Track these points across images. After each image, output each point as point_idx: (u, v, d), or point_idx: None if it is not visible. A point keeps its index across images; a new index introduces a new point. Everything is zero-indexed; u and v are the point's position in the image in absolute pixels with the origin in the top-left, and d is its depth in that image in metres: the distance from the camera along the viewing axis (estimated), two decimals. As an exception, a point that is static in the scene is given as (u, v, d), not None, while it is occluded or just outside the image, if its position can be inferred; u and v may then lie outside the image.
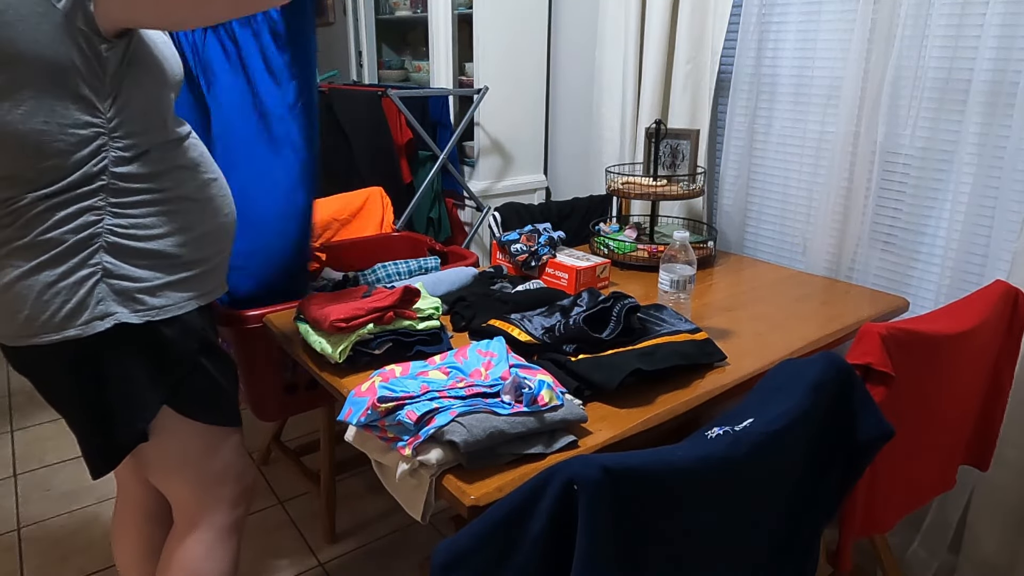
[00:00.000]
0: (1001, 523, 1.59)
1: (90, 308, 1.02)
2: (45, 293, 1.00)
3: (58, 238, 1.00)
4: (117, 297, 1.03)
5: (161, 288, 1.07)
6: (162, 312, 1.07)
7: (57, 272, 1.00)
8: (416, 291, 1.31)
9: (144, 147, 1.04)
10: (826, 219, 1.84)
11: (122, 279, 1.04)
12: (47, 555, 1.90)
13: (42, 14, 0.91)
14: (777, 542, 0.94)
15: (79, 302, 1.01)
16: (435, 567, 0.76)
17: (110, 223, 1.02)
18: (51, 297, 1.00)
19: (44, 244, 0.99)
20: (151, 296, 1.06)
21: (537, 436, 1.01)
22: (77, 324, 1.01)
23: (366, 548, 1.93)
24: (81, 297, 1.01)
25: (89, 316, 1.02)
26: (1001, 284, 1.32)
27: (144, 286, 1.05)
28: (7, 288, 1.00)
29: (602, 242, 1.95)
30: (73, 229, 1.00)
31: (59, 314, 1.01)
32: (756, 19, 1.93)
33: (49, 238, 0.99)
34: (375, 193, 2.21)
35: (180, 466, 1.20)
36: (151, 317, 1.06)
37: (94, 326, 1.02)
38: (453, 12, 2.66)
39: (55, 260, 1.00)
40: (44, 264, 1.00)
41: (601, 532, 0.70)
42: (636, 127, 2.25)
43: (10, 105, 0.93)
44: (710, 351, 1.29)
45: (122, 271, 1.04)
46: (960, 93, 1.59)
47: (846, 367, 0.93)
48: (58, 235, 1.00)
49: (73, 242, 1.00)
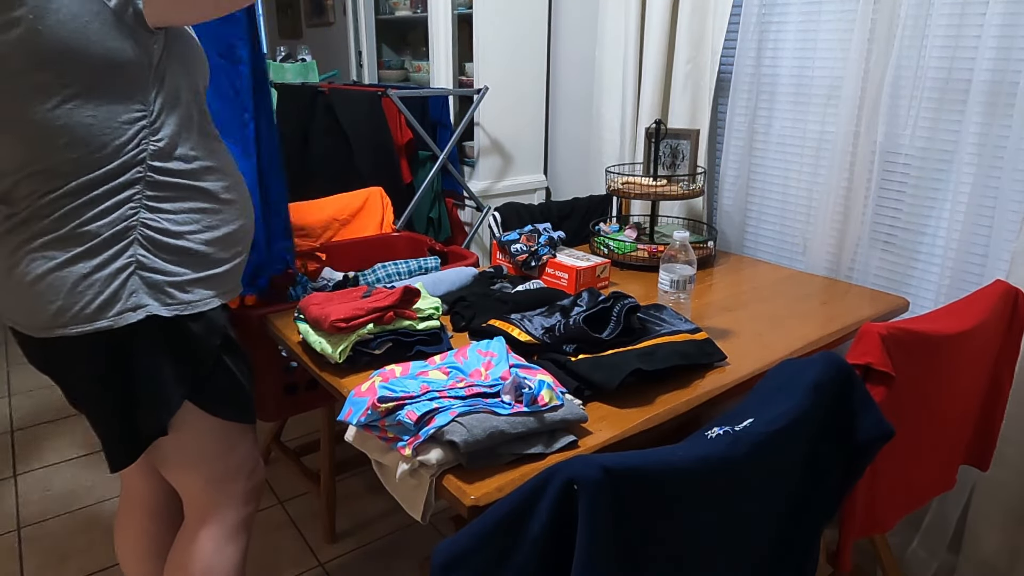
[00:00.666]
0: (1001, 523, 1.59)
1: (123, 300, 1.04)
2: (79, 284, 1.02)
3: (94, 231, 1.02)
4: (149, 290, 1.05)
5: (190, 284, 1.09)
6: (190, 307, 1.09)
7: (92, 264, 1.02)
8: (416, 291, 1.31)
9: (180, 141, 1.07)
10: (826, 219, 1.84)
11: (154, 272, 1.06)
12: (47, 555, 1.90)
13: (95, 12, 0.94)
14: (777, 542, 0.94)
15: (112, 294, 1.03)
16: (435, 567, 0.76)
17: (145, 216, 1.04)
18: (85, 288, 1.02)
19: (80, 236, 1.01)
20: (180, 291, 1.08)
21: (537, 436, 1.01)
22: (109, 315, 1.03)
23: (366, 548, 1.93)
24: (115, 289, 1.03)
25: (121, 307, 1.04)
26: (1001, 284, 1.32)
27: (174, 280, 1.07)
28: (40, 279, 1.02)
29: (602, 242, 1.95)
30: (109, 222, 1.02)
31: (92, 305, 1.02)
32: (756, 19, 1.93)
33: (85, 230, 1.01)
34: (375, 193, 2.21)
35: (196, 461, 1.21)
36: (180, 311, 1.08)
37: (126, 317, 1.04)
38: (453, 12, 2.66)
39: (90, 252, 1.02)
40: (79, 256, 1.02)
41: (601, 532, 0.70)
42: (636, 127, 2.25)
43: (59, 100, 0.96)
44: (710, 351, 1.29)
45: (155, 265, 1.06)
46: (960, 93, 1.59)
47: (846, 367, 0.93)
48: (95, 228, 1.02)
49: (109, 235, 1.02)
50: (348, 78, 3.46)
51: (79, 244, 1.01)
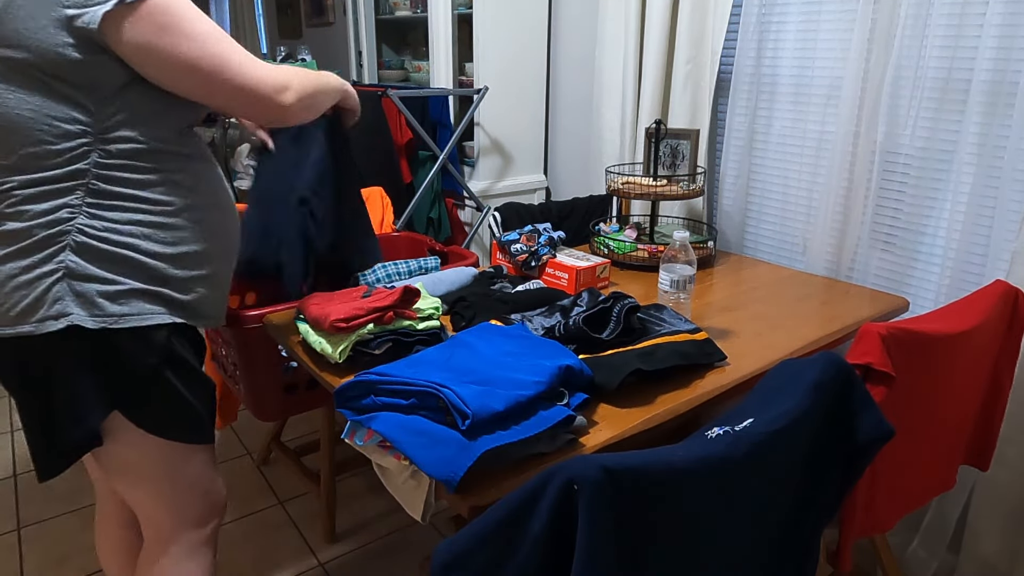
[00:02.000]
0: (1001, 523, 1.59)
1: (46, 305, 1.00)
2: (7, 285, 1.00)
3: (27, 231, 0.99)
4: (77, 299, 1.01)
5: (125, 295, 1.04)
6: (121, 320, 1.03)
7: (21, 265, 1.00)
8: (416, 291, 1.31)
9: (137, 155, 1.03)
10: (826, 219, 1.84)
11: (86, 280, 1.01)
12: (47, 555, 1.90)
13: (53, 17, 0.94)
14: (777, 542, 0.94)
15: (36, 298, 1.00)
16: (435, 567, 0.76)
17: (82, 222, 1.01)
18: (12, 290, 1.00)
19: (14, 235, 0.99)
20: (112, 302, 1.03)
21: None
22: (32, 320, 1.00)
23: (366, 548, 1.93)
24: (39, 293, 1.00)
25: (44, 314, 1.00)
26: (1001, 284, 1.32)
27: (108, 290, 1.02)
28: None
29: (602, 242, 1.95)
30: (44, 224, 1.00)
31: (16, 308, 1.00)
32: (756, 19, 1.93)
33: (18, 229, 0.99)
34: (375, 193, 2.21)
35: (141, 478, 1.17)
36: (107, 324, 1.02)
37: (47, 325, 1.00)
38: (453, 12, 2.66)
39: (21, 252, 1.00)
40: (10, 255, 1.00)
41: (601, 532, 0.70)
42: (636, 127, 2.25)
43: (2, 89, 0.95)
44: (710, 351, 1.29)
45: (86, 272, 1.01)
46: (960, 93, 1.59)
47: (846, 367, 0.93)
48: (27, 227, 0.99)
49: (41, 237, 1.00)
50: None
51: (11, 243, 0.99)
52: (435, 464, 0.92)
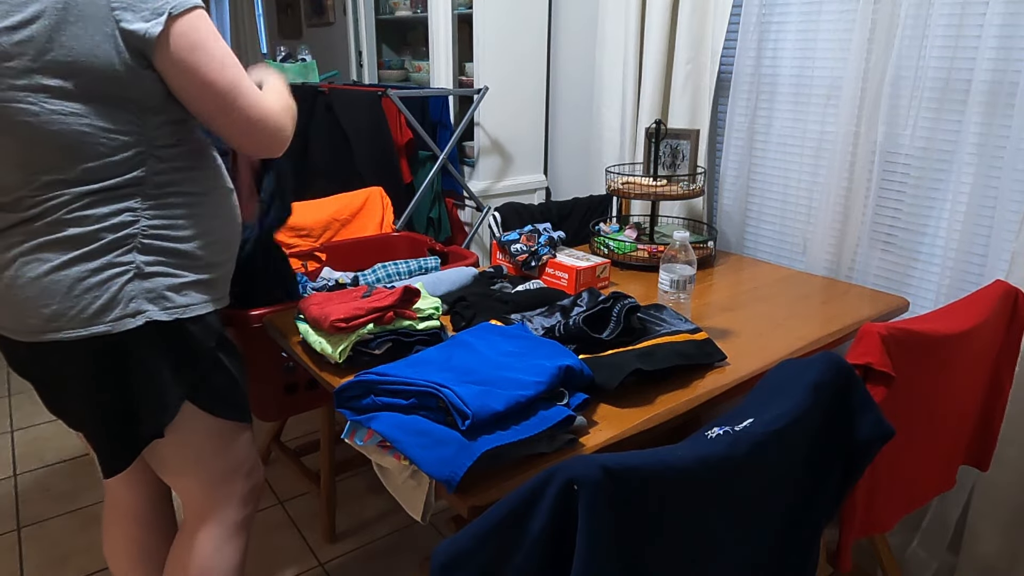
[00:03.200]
0: (1001, 523, 1.59)
1: (121, 305, 1.04)
2: (76, 288, 1.02)
3: (93, 235, 1.02)
4: (148, 295, 1.06)
5: (187, 287, 1.10)
6: (188, 311, 1.10)
7: (90, 267, 1.02)
8: (416, 291, 1.31)
9: (181, 155, 1.09)
10: (826, 219, 1.84)
11: (153, 277, 1.06)
12: (47, 555, 1.90)
13: (108, 33, 0.96)
14: (777, 542, 0.94)
15: (111, 298, 1.03)
16: (435, 567, 0.76)
17: (145, 224, 1.06)
18: (82, 292, 1.02)
19: (78, 239, 1.02)
20: (178, 295, 1.09)
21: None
22: (107, 320, 1.03)
23: (366, 548, 1.93)
24: (113, 294, 1.03)
25: (120, 313, 1.04)
26: (1001, 284, 1.32)
27: (173, 283, 1.08)
28: (34, 282, 1.02)
29: (602, 242, 1.95)
30: (109, 228, 1.03)
31: (89, 309, 1.02)
32: (756, 19, 1.93)
33: (84, 233, 1.02)
34: (375, 193, 2.21)
35: (194, 462, 1.21)
36: (180, 315, 1.09)
37: (124, 323, 1.04)
38: (453, 12, 2.66)
39: (88, 256, 1.02)
40: (77, 259, 1.02)
41: (601, 532, 0.70)
42: (636, 127, 2.25)
43: (57, 105, 0.97)
44: (710, 351, 1.29)
45: (153, 270, 1.06)
46: (960, 93, 1.59)
47: (846, 367, 0.93)
48: (93, 231, 1.02)
49: (109, 240, 1.03)
50: (348, 78, 3.46)
51: (77, 247, 1.01)
52: (435, 464, 0.92)
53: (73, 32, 0.95)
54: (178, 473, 1.23)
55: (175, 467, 1.22)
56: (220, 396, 1.19)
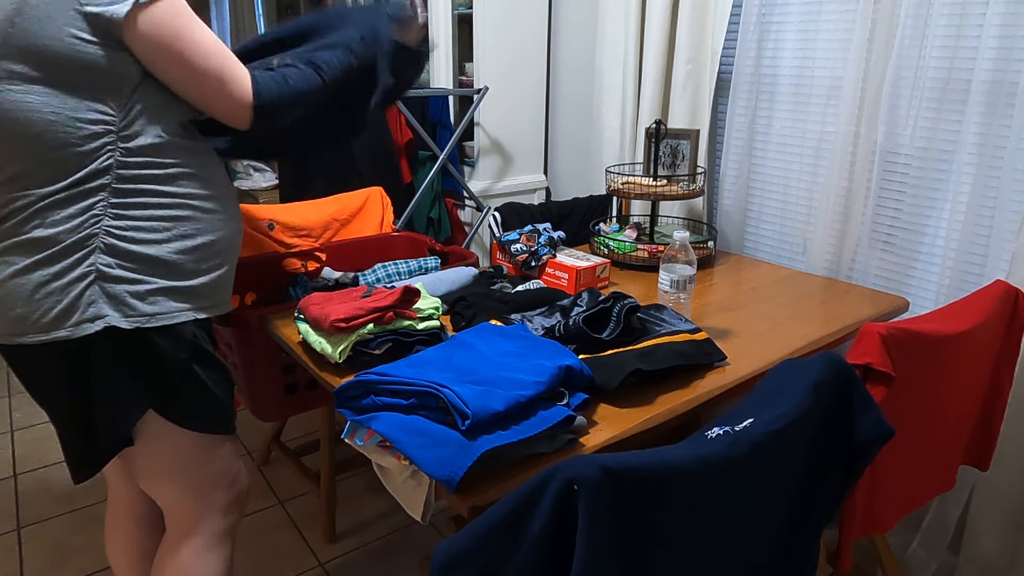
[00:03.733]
0: (1001, 523, 1.59)
1: (81, 310, 1.01)
2: (37, 292, 1.00)
3: (54, 237, 1.00)
4: (109, 300, 1.03)
5: (155, 294, 1.06)
6: (153, 320, 1.06)
7: (51, 271, 1.00)
8: (416, 291, 1.31)
9: (156, 150, 1.05)
10: (826, 219, 1.84)
11: (116, 282, 1.03)
12: (47, 555, 1.90)
13: (71, 15, 0.94)
14: (777, 542, 0.94)
15: (71, 303, 1.01)
16: (435, 567, 0.76)
17: (109, 224, 1.02)
18: (43, 297, 1.00)
19: (40, 242, 1.00)
20: (143, 302, 1.05)
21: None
22: (67, 325, 1.01)
23: (366, 548, 1.93)
24: (73, 298, 1.01)
25: (79, 318, 1.01)
26: (1001, 284, 1.32)
27: (137, 290, 1.04)
28: (1, 285, 1.01)
29: (602, 242, 1.95)
30: (71, 229, 1.00)
31: (50, 314, 1.00)
32: (756, 19, 1.93)
33: (46, 236, 0.99)
34: (375, 193, 2.21)
35: (170, 472, 1.19)
36: (141, 324, 1.05)
37: (83, 328, 1.01)
38: (453, 12, 2.66)
39: (50, 259, 1.00)
40: (39, 263, 1.00)
41: (601, 532, 0.70)
42: (636, 127, 2.25)
43: (23, 92, 0.95)
44: (710, 351, 1.29)
45: (116, 274, 1.03)
46: (960, 93, 1.59)
47: (846, 367, 0.93)
48: (55, 234, 1.00)
49: (70, 242, 1.00)
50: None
51: (40, 250, 1.00)
52: (435, 464, 0.92)
53: (34, 15, 0.93)
54: (155, 483, 1.21)
55: (151, 477, 1.19)
56: (192, 409, 1.15)
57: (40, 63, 0.95)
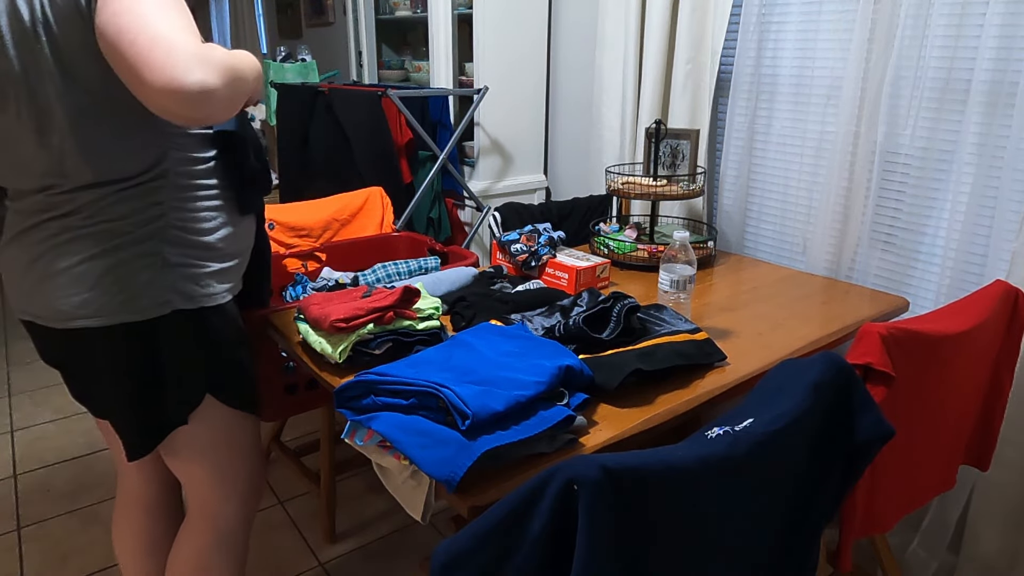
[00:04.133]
0: (1001, 523, 1.59)
1: (149, 295, 1.06)
2: (106, 278, 1.04)
3: (122, 228, 1.04)
4: (174, 285, 1.09)
5: (209, 277, 1.13)
6: (211, 300, 1.13)
7: (119, 258, 1.04)
8: (416, 291, 1.31)
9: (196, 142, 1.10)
10: (826, 219, 1.84)
11: (179, 267, 1.09)
12: (47, 555, 1.90)
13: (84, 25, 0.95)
14: (777, 542, 0.94)
15: (139, 288, 1.06)
16: (435, 567, 0.76)
17: (172, 217, 1.08)
18: (111, 283, 1.04)
19: (109, 232, 1.04)
20: (199, 285, 1.12)
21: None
22: (135, 308, 1.06)
23: (366, 548, 1.93)
24: (141, 284, 1.06)
25: (148, 302, 1.06)
26: (1001, 284, 1.32)
27: (195, 274, 1.11)
28: (66, 271, 1.04)
29: (602, 242, 1.95)
30: (139, 222, 1.05)
31: (118, 297, 1.05)
32: (756, 19, 1.93)
33: (114, 227, 1.04)
34: (375, 193, 2.21)
35: (205, 451, 1.23)
36: (204, 304, 1.12)
37: (152, 311, 1.07)
38: (453, 12, 2.66)
39: (118, 248, 1.04)
40: (107, 251, 1.04)
41: (601, 532, 0.70)
42: (636, 127, 2.25)
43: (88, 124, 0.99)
44: (710, 351, 1.29)
45: (179, 261, 1.09)
46: (960, 93, 1.59)
47: (846, 367, 0.93)
48: (123, 225, 1.04)
49: (138, 233, 1.05)
50: (348, 78, 3.46)
51: (107, 240, 1.04)
52: (435, 464, 0.92)
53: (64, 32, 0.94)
54: (189, 461, 1.24)
55: (186, 455, 1.23)
56: (236, 387, 1.21)
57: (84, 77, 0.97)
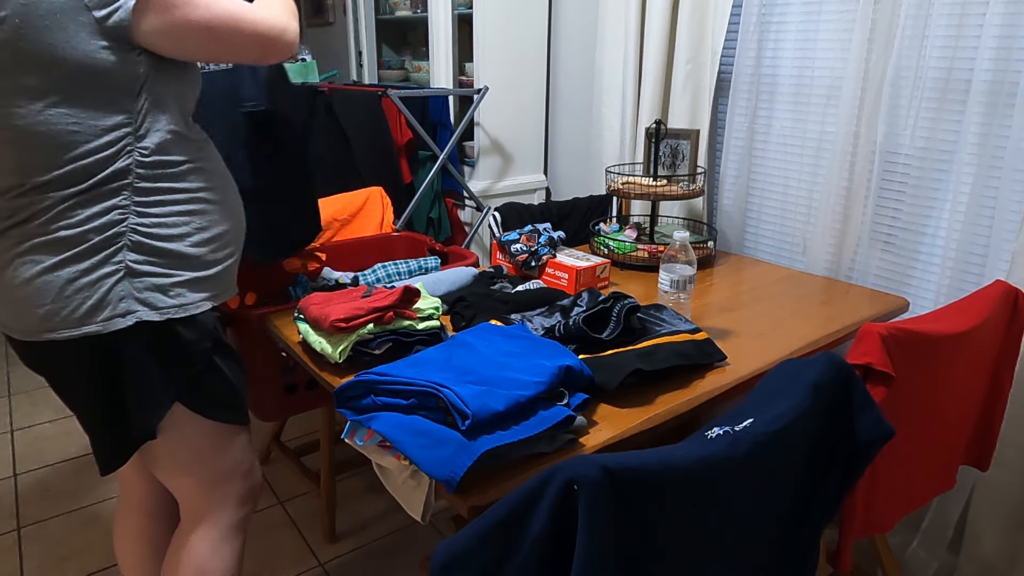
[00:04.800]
0: (1001, 523, 1.59)
1: (112, 305, 1.03)
2: (67, 289, 1.01)
3: (82, 236, 1.01)
4: (138, 295, 1.05)
5: (179, 286, 1.09)
6: (180, 311, 1.09)
7: (80, 268, 1.02)
8: (416, 291, 1.31)
9: (167, 146, 1.07)
10: (826, 219, 1.84)
11: (144, 276, 1.05)
12: (47, 555, 1.90)
13: (81, 23, 0.95)
14: (777, 542, 0.94)
15: (100, 299, 1.03)
16: (435, 567, 0.76)
17: (134, 222, 1.04)
18: (73, 293, 1.02)
19: (68, 240, 1.01)
20: (170, 295, 1.08)
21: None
22: (98, 320, 1.03)
23: (366, 548, 1.93)
24: (103, 294, 1.03)
25: (111, 313, 1.03)
26: (1001, 284, 1.32)
27: (164, 283, 1.07)
28: (28, 282, 1.02)
29: (602, 242, 1.95)
30: (98, 228, 1.02)
31: (80, 309, 1.02)
32: (756, 19, 1.93)
33: (73, 235, 1.01)
34: (375, 193, 2.21)
35: (189, 463, 1.21)
36: (171, 315, 1.08)
37: (115, 323, 1.04)
38: (453, 12, 2.66)
39: (78, 256, 1.02)
40: (67, 260, 1.02)
41: (601, 532, 0.70)
42: (636, 127, 2.25)
43: (43, 106, 0.96)
44: (710, 351, 1.29)
45: (144, 269, 1.05)
46: (960, 93, 1.59)
47: (846, 367, 0.93)
48: (82, 232, 1.01)
49: (98, 240, 1.02)
50: (348, 78, 3.46)
51: (67, 248, 1.01)
52: (435, 464, 0.92)
53: (44, 26, 0.93)
54: (173, 474, 1.22)
55: (170, 468, 1.21)
56: (213, 399, 1.18)
57: (56, 75, 0.96)
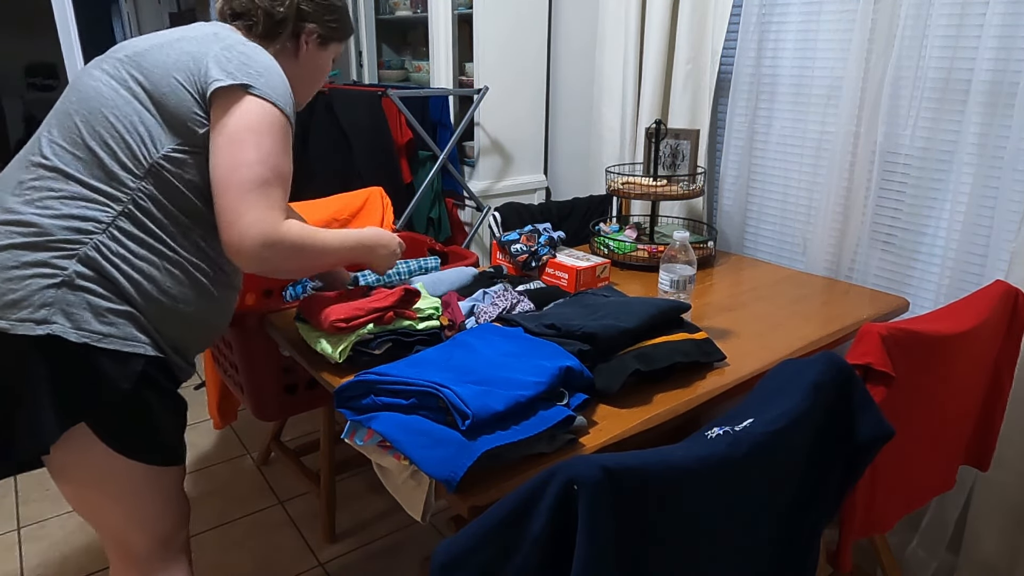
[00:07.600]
0: (1000, 523, 1.59)
1: (31, 307, 0.96)
2: (2, 272, 0.97)
3: (47, 228, 0.99)
4: (65, 308, 0.98)
5: (115, 315, 1.01)
6: (104, 340, 1.00)
7: (23, 258, 0.97)
8: (416, 291, 1.31)
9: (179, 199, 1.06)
10: (826, 219, 1.84)
11: (79, 291, 0.99)
12: (47, 555, 1.90)
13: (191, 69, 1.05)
14: (777, 542, 0.94)
15: (24, 296, 0.96)
16: (435, 567, 0.76)
17: (102, 240, 1.01)
18: (3, 281, 0.97)
19: (28, 225, 0.99)
20: (98, 319, 1.00)
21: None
22: (10, 318, 0.96)
23: (366, 548, 1.93)
24: (28, 292, 0.96)
25: (27, 315, 0.96)
26: (1001, 284, 1.32)
27: (99, 305, 1.00)
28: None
29: (602, 242, 1.95)
30: (67, 227, 0.99)
31: (2, 298, 0.96)
32: (756, 19, 1.93)
33: (38, 222, 0.99)
34: (375, 193, 2.21)
35: (116, 499, 1.11)
36: (90, 340, 0.99)
37: (25, 326, 0.96)
38: (453, 12, 2.66)
39: (29, 246, 0.98)
40: (16, 245, 0.98)
41: (601, 532, 0.70)
42: (636, 127, 2.25)
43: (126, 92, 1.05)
44: (710, 351, 1.29)
45: (83, 284, 0.99)
46: (960, 93, 1.59)
47: (846, 367, 0.93)
48: (49, 225, 0.99)
49: (58, 238, 0.99)
50: (348, 78, 3.46)
51: (23, 233, 0.98)
52: (435, 464, 0.92)
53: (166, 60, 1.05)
54: (92, 510, 1.12)
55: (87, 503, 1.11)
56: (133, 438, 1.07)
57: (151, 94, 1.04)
